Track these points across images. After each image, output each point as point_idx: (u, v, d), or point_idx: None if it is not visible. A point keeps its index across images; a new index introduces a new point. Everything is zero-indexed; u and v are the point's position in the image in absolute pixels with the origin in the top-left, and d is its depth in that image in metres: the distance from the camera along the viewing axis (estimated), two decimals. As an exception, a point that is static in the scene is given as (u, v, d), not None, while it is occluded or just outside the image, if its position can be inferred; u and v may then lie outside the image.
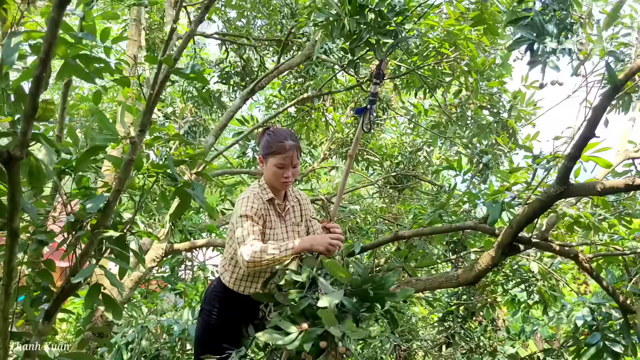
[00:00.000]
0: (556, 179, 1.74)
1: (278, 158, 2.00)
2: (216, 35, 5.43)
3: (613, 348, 2.25)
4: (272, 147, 2.03)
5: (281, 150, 2.00)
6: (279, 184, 2.04)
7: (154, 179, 1.73)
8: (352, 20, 2.39)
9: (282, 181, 2.03)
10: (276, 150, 2.01)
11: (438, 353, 3.73)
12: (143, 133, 1.52)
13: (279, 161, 2.00)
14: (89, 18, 1.58)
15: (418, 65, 3.52)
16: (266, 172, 2.07)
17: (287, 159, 2.01)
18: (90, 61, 1.54)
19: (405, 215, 4.75)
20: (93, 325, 3.52)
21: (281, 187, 2.08)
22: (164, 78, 1.51)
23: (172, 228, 3.85)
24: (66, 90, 2.52)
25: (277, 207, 2.10)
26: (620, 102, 2.43)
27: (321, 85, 4.60)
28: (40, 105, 1.10)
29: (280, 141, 2.01)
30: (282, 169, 2.01)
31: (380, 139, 6.14)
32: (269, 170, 2.04)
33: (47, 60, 1.01)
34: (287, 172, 2.02)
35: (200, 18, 1.55)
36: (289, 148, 2.00)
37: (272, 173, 2.03)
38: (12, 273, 1.37)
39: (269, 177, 2.06)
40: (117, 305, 1.62)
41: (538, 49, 1.77)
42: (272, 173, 2.03)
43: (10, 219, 1.23)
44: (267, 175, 2.07)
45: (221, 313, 2.11)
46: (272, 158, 2.02)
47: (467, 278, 2.05)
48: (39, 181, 1.25)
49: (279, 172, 2.01)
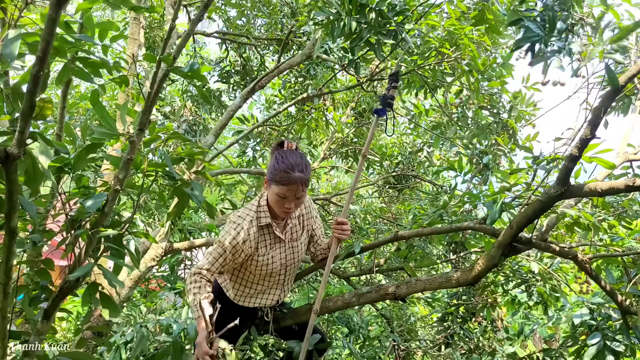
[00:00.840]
0: (556, 180, 1.74)
1: (281, 188, 1.88)
2: (216, 34, 5.42)
3: (614, 347, 2.25)
4: (276, 175, 1.89)
5: (285, 182, 1.87)
6: (280, 212, 1.96)
7: (153, 178, 1.72)
8: (352, 20, 2.38)
9: (282, 211, 1.94)
10: (280, 180, 1.88)
11: (437, 353, 3.72)
12: (142, 132, 1.51)
13: (282, 192, 1.88)
14: (88, 24, 1.58)
15: (419, 65, 3.51)
16: (269, 196, 1.96)
17: (290, 192, 1.88)
18: (89, 62, 1.54)
19: (405, 215, 4.74)
20: (92, 324, 3.52)
21: (282, 216, 2.00)
22: (163, 77, 1.51)
23: (172, 227, 3.84)
24: (66, 88, 2.51)
25: (276, 230, 2.03)
26: (620, 105, 2.43)
27: (321, 84, 4.59)
28: (37, 104, 1.09)
29: (286, 172, 1.87)
30: (284, 199, 1.90)
31: (380, 138, 6.13)
32: (272, 196, 1.94)
33: (45, 59, 1.00)
34: (289, 203, 1.91)
35: (199, 17, 1.55)
36: (293, 181, 1.87)
37: (274, 201, 1.93)
38: (10, 272, 1.36)
39: (271, 202, 1.96)
40: (114, 303, 1.61)
41: (540, 49, 1.77)
42: (274, 201, 1.93)
43: (7, 218, 1.23)
44: (270, 200, 1.97)
45: (218, 314, 2.12)
46: (275, 186, 1.90)
47: (466, 279, 2.05)
48: (35, 180, 1.25)
49: (280, 202, 1.92)
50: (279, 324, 2.26)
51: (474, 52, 3.07)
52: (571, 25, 2.00)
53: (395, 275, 4.27)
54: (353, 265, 4.55)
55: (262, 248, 2.00)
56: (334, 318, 4.41)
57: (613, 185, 1.67)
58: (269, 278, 2.07)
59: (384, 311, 4.40)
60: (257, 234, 1.97)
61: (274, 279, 2.09)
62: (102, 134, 1.60)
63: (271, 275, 2.06)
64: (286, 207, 1.92)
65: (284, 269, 2.09)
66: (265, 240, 2.01)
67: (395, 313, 4.44)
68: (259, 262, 2.00)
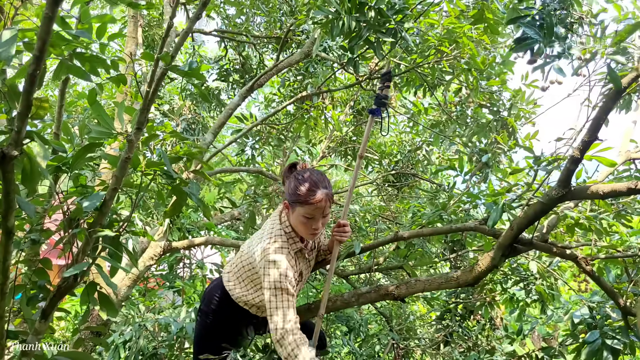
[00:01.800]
0: (558, 182, 1.73)
1: (307, 209, 1.76)
2: (215, 33, 5.41)
3: (612, 345, 2.25)
4: (300, 196, 1.78)
5: (311, 201, 1.75)
6: (307, 235, 1.84)
7: (151, 177, 1.71)
8: (351, 19, 2.37)
9: (310, 233, 1.82)
10: (305, 200, 1.76)
11: (436, 351, 3.72)
12: (140, 131, 1.50)
13: (309, 212, 1.76)
14: (85, 19, 1.57)
15: (418, 63, 3.51)
16: (293, 220, 1.84)
17: (317, 211, 1.76)
18: (87, 59, 1.53)
19: (404, 213, 4.74)
20: (90, 324, 3.52)
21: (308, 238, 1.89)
22: (161, 75, 1.50)
23: (170, 226, 3.83)
24: (64, 87, 2.50)
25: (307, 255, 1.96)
26: (621, 102, 2.42)
27: (320, 83, 4.58)
28: (34, 103, 1.08)
29: (311, 190, 1.76)
30: (311, 219, 1.78)
31: (379, 137, 6.13)
32: (296, 220, 1.81)
33: (41, 57, 0.99)
34: (316, 223, 1.79)
35: (197, 15, 1.54)
36: (320, 199, 1.76)
37: (299, 224, 1.81)
38: (8, 271, 1.36)
39: (295, 226, 1.85)
40: (112, 303, 1.61)
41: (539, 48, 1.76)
42: (299, 224, 1.81)
43: (5, 218, 1.22)
44: (294, 224, 1.84)
45: (219, 315, 2.10)
46: (300, 208, 1.78)
47: (466, 279, 2.04)
48: (32, 180, 1.24)
49: (307, 224, 1.79)
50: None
51: (473, 50, 3.07)
52: (570, 24, 1.99)
53: (395, 274, 4.27)
54: (352, 263, 4.55)
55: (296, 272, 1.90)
56: (334, 317, 4.41)
57: (615, 188, 1.66)
58: None
59: (383, 310, 4.40)
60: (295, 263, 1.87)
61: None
62: (99, 133, 1.59)
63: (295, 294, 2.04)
64: (314, 228, 1.80)
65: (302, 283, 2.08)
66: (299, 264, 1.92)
67: (394, 311, 4.45)
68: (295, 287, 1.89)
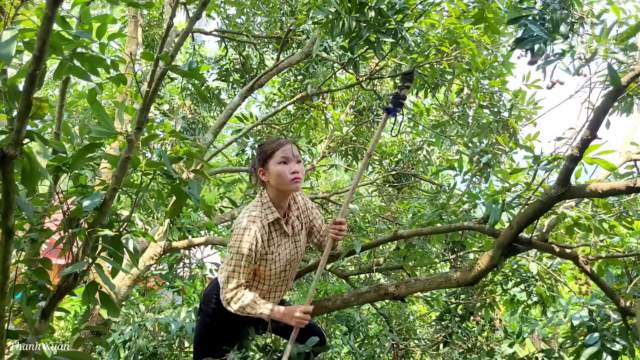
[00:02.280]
0: (557, 180, 1.73)
1: (278, 155, 1.92)
2: (215, 33, 5.41)
3: (612, 348, 2.24)
4: (267, 150, 1.95)
5: (278, 147, 1.93)
6: (290, 182, 1.91)
7: (151, 177, 1.71)
8: (351, 19, 2.37)
9: (291, 178, 1.90)
10: (273, 149, 1.93)
11: (436, 352, 3.72)
12: (140, 131, 1.50)
13: (281, 156, 1.91)
14: (85, 19, 1.57)
15: (418, 63, 3.50)
16: (272, 178, 1.93)
17: (287, 152, 1.92)
18: (87, 59, 1.53)
19: (405, 213, 4.74)
20: (90, 323, 3.52)
21: (293, 187, 1.94)
22: (161, 75, 1.50)
23: (171, 226, 3.84)
24: (64, 87, 2.50)
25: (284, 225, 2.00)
26: (622, 104, 2.42)
27: (321, 83, 4.58)
28: (34, 103, 1.08)
29: (273, 141, 1.97)
30: (288, 163, 1.91)
31: (382, 137, 6.13)
32: (274, 173, 1.91)
33: (41, 57, 0.99)
34: (293, 166, 1.91)
35: (197, 15, 1.54)
36: (284, 142, 1.95)
37: (278, 174, 1.90)
38: (8, 271, 1.36)
39: (276, 182, 1.93)
40: (113, 303, 1.61)
41: (540, 48, 1.76)
42: (278, 174, 1.90)
43: (5, 217, 1.22)
44: (275, 181, 1.93)
45: (218, 314, 2.10)
46: (272, 160, 1.92)
47: (466, 279, 2.04)
48: (32, 180, 1.24)
49: (285, 169, 1.90)
50: (277, 323, 2.25)
51: (473, 50, 3.06)
52: (571, 24, 1.99)
53: (395, 274, 4.27)
54: (352, 264, 4.55)
55: (272, 246, 1.97)
56: (334, 317, 4.41)
57: (614, 186, 1.66)
58: (274, 277, 2.05)
59: (383, 310, 4.40)
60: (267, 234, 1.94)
61: (278, 277, 2.07)
62: (99, 132, 1.59)
63: (276, 273, 2.05)
64: (293, 172, 1.90)
65: (289, 265, 2.07)
66: (274, 238, 1.98)
67: (394, 312, 4.45)
68: (268, 261, 1.97)
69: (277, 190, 1.97)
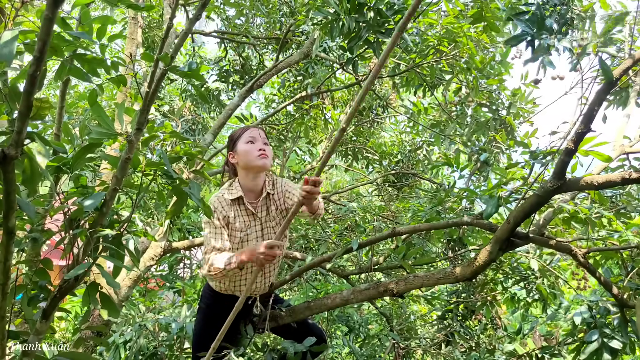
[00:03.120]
0: (553, 174, 1.74)
1: (244, 136, 2.03)
2: (215, 34, 5.42)
3: (611, 345, 2.25)
4: (235, 134, 2.08)
5: (245, 130, 2.06)
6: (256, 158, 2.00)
7: (151, 177, 1.72)
8: (351, 19, 2.38)
9: (258, 155, 2.00)
10: (240, 132, 2.06)
11: (437, 351, 3.72)
12: (140, 131, 1.51)
13: (249, 136, 2.02)
14: (85, 19, 1.58)
15: (417, 63, 3.51)
16: (240, 158, 2.04)
17: (254, 132, 2.04)
18: (87, 61, 1.54)
19: (404, 213, 4.74)
20: (91, 324, 3.53)
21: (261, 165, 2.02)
22: (161, 76, 1.51)
23: (171, 226, 3.85)
24: (64, 88, 2.51)
25: (249, 205, 2.05)
26: (617, 98, 2.43)
27: (320, 83, 4.59)
28: (34, 104, 1.09)
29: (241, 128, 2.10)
30: (254, 143, 2.02)
31: (379, 137, 6.13)
32: (242, 153, 2.03)
33: (42, 58, 1.00)
34: (259, 144, 2.02)
35: (197, 16, 1.55)
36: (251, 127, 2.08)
37: (246, 152, 2.02)
38: (9, 272, 1.36)
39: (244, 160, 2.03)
40: (113, 303, 1.62)
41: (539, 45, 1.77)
42: (246, 152, 2.02)
43: (5, 218, 1.23)
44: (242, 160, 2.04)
45: (214, 309, 2.13)
46: (240, 141, 2.04)
47: (464, 274, 2.05)
48: (33, 180, 1.25)
49: (252, 148, 2.01)
50: (277, 322, 2.26)
51: (472, 49, 3.07)
52: (571, 19, 2.00)
53: (395, 273, 4.27)
54: (352, 263, 4.56)
55: (239, 223, 2.03)
56: (334, 317, 4.42)
57: (609, 179, 1.67)
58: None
59: (384, 309, 4.40)
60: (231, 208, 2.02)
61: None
62: (100, 133, 1.60)
63: None
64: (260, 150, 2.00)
65: None
66: (241, 216, 2.04)
67: (394, 311, 4.45)
68: (236, 239, 2.03)
69: (245, 171, 2.05)
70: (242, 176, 2.07)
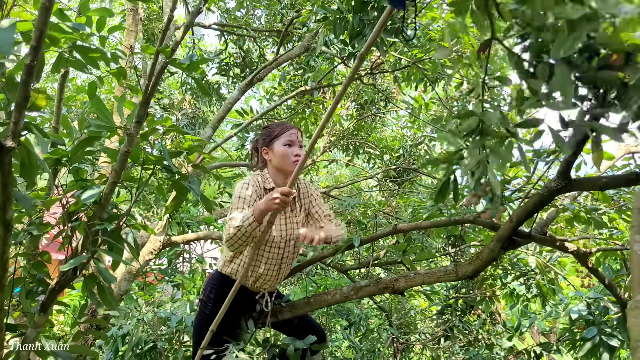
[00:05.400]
0: (557, 174, 1.72)
1: (284, 137, 2.07)
2: (215, 26, 5.38)
3: (609, 342, 2.25)
4: (275, 131, 2.10)
5: (285, 130, 2.09)
6: (292, 165, 2.06)
7: (151, 171, 1.71)
8: (355, 18, 2.38)
9: (293, 160, 2.06)
10: (280, 132, 2.09)
11: (436, 346, 3.73)
12: (139, 125, 1.50)
13: (286, 139, 2.07)
14: (84, 10, 1.56)
15: (419, 57, 3.49)
16: (275, 157, 2.09)
17: (293, 135, 2.08)
18: (86, 52, 1.52)
19: (405, 208, 4.74)
20: (89, 317, 3.52)
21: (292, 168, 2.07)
22: (161, 69, 1.49)
23: (170, 220, 3.83)
24: (63, 80, 2.49)
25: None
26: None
27: (320, 77, 4.56)
28: (32, 94, 1.08)
29: (281, 125, 2.12)
30: (291, 147, 2.07)
31: (380, 131, 6.11)
32: (277, 153, 2.07)
33: (39, 48, 0.98)
34: (295, 149, 2.07)
35: (198, 9, 1.52)
36: (291, 127, 2.11)
37: (282, 154, 2.06)
38: (6, 265, 1.35)
39: (278, 162, 2.08)
40: (110, 295, 1.61)
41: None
42: (282, 154, 2.06)
43: (3, 210, 1.22)
44: (277, 161, 2.09)
45: (216, 304, 2.11)
46: (277, 141, 2.08)
47: (465, 272, 2.04)
48: (30, 172, 1.23)
49: (288, 151, 2.06)
50: (277, 317, 2.25)
51: (474, 44, 3.05)
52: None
53: (395, 269, 4.27)
54: (352, 258, 4.56)
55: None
56: (334, 311, 4.42)
57: (614, 179, 1.66)
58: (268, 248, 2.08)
59: (383, 304, 4.40)
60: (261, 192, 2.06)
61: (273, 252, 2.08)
62: (99, 126, 1.59)
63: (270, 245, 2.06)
64: (295, 155, 2.07)
65: (283, 243, 2.09)
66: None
67: (394, 306, 4.45)
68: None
69: (277, 170, 2.11)
70: (273, 174, 2.12)
